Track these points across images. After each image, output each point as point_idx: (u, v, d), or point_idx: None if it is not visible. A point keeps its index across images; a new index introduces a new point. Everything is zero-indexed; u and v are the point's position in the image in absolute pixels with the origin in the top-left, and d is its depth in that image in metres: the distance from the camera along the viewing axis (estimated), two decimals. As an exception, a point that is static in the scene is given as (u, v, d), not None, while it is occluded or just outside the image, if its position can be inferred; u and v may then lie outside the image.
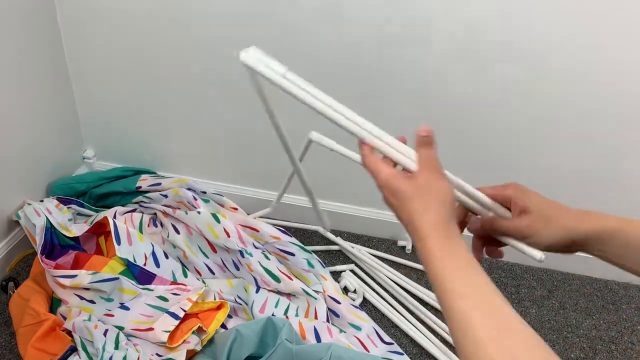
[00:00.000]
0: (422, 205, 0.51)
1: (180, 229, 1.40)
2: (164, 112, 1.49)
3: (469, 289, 0.46)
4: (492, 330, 0.43)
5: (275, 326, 1.12)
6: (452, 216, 0.51)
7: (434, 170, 0.54)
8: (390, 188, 0.54)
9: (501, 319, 0.44)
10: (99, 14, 1.35)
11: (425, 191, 0.52)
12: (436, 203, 0.51)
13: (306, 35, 1.26)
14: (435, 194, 0.52)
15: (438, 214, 0.50)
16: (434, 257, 0.49)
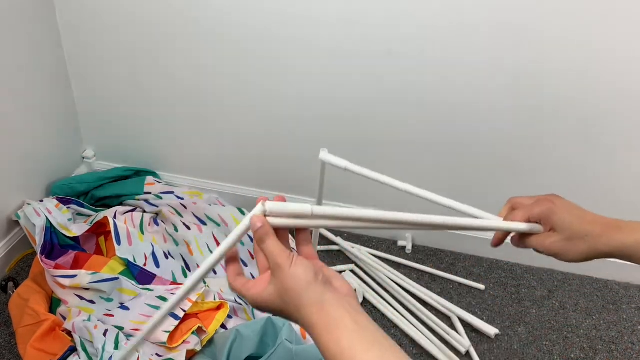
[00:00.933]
0: (292, 307, 0.49)
1: (191, 226, 1.40)
2: (164, 112, 1.49)
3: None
4: None
5: (275, 326, 1.12)
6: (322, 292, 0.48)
7: (281, 263, 0.50)
8: (262, 305, 0.52)
9: None
10: (99, 14, 1.35)
11: (286, 292, 0.49)
12: (300, 296, 0.48)
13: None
14: (295, 288, 0.49)
15: (308, 306, 0.48)
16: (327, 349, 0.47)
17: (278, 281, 0.50)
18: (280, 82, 1.34)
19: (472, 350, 1.27)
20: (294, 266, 0.50)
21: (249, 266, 1.35)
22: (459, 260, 1.52)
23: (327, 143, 1.43)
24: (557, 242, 0.61)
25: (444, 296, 1.40)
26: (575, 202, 0.64)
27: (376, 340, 0.46)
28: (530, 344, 1.31)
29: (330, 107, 1.35)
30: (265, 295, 0.51)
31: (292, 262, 0.50)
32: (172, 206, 1.46)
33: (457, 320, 1.33)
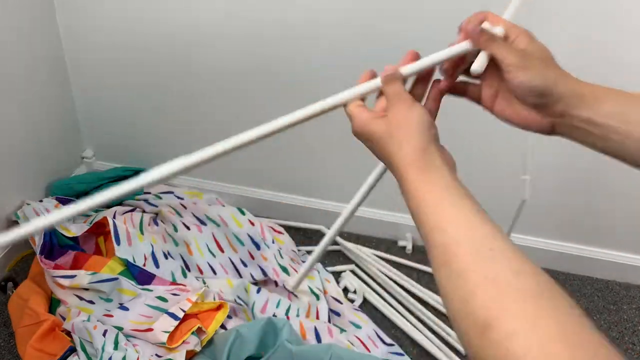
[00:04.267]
0: (396, 143, 0.49)
1: (190, 226, 1.40)
2: (164, 112, 1.49)
3: (451, 223, 0.43)
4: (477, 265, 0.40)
5: (275, 327, 1.12)
6: (429, 140, 0.48)
7: (402, 102, 0.51)
8: (365, 133, 0.52)
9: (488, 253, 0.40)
10: (99, 14, 1.35)
11: (396, 127, 0.49)
12: (409, 135, 0.48)
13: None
14: (407, 126, 0.49)
15: (413, 146, 0.48)
16: (413, 194, 0.46)
17: (392, 115, 0.50)
18: (280, 82, 1.34)
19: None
20: (414, 108, 0.50)
21: (248, 266, 1.35)
22: (459, 261, 1.52)
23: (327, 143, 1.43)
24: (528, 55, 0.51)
25: (444, 296, 1.40)
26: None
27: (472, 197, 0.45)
28: (530, 344, 1.31)
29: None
30: (375, 123, 0.51)
31: (412, 104, 0.51)
32: (171, 206, 1.45)
33: (457, 321, 1.33)
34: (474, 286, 0.38)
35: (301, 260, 1.43)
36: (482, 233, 0.42)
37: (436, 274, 0.42)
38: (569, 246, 1.46)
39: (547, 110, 0.51)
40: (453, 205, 0.44)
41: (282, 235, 1.48)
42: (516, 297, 0.37)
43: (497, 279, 0.38)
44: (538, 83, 0.50)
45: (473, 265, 0.40)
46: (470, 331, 0.37)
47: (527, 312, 0.36)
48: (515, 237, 1.48)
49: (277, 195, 1.56)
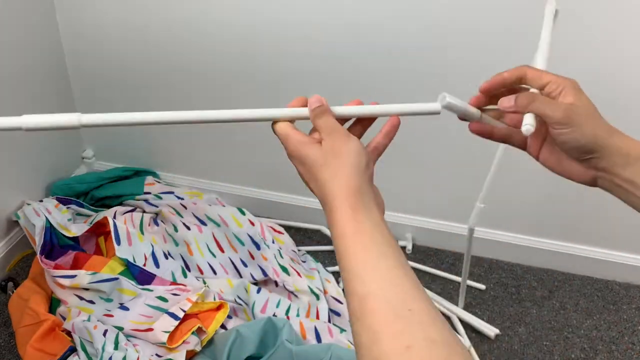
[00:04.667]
0: (330, 171, 0.47)
1: (190, 226, 1.40)
2: (164, 112, 1.48)
3: (373, 273, 0.41)
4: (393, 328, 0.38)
5: (275, 327, 1.12)
6: (364, 180, 0.46)
7: (338, 133, 0.48)
8: (299, 156, 0.50)
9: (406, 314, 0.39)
10: (99, 14, 1.35)
11: (333, 155, 0.47)
12: (345, 167, 0.46)
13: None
14: (344, 157, 0.47)
15: (347, 179, 0.45)
16: (340, 232, 0.44)
17: (329, 143, 0.48)
18: (280, 82, 1.34)
19: (473, 350, 1.27)
20: (351, 140, 0.48)
21: (248, 266, 1.35)
22: (460, 261, 1.52)
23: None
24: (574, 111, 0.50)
25: (444, 296, 1.40)
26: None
27: (397, 245, 0.44)
28: (530, 344, 1.31)
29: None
30: (311, 148, 0.49)
31: (349, 136, 0.49)
32: (172, 206, 1.46)
33: (457, 321, 1.33)
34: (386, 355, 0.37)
35: (301, 260, 1.43)
36: (402, 290, 0.40)
37: (352, 324, 0.41)
38: (568, 246, 1.46)
39: (591, 165, 0.52)
40: (380, 255, 0.42)
41: (282, 235, 1.48)
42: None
43: (412, 349, 0.37)
44: (585, 142, 0.50)
45: (388, 328, 0.38)
46: None
47: None
48: (515, 237, 1.48)
49: (277, 195, 1.56)
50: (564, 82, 0.52)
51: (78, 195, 1.50)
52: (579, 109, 0.50)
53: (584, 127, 0.50)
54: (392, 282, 0.41)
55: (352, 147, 0.47)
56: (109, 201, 1.51)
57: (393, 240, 0.44)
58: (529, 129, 0.51)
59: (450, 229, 1.49)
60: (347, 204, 0.45)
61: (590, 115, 0.51)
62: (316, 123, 0.51)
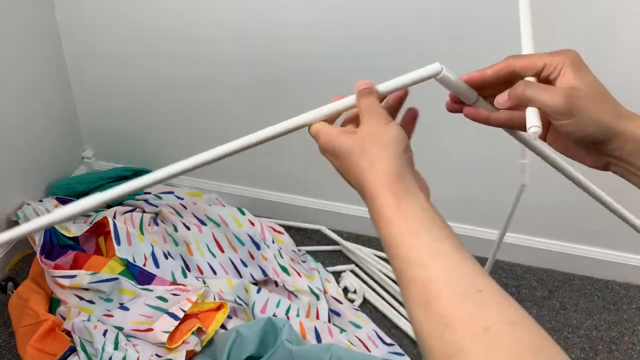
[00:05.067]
0: (367, 158, 0.43)
1: (190, 226, 1.40)
2: (164, 112, 1.48)
3: (431, 258, 0.38)
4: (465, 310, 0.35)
5: (275, 327, 1.12)
6: (405, 164, 0.43)
7: (376, 116, 0.46)
8: (332, 149, 0.47)
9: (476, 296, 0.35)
10: (99, 14, 1.35)
11: (370, 140, 0.44)
12: (384, 152, 0.43)
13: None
14: (381, 142, 0.43)
15: (387, 164, 0.42)
16: (386, 221, 0.41)
17: (366, 128, 0.45)
18: (280, 82, 1.34)
19: (473, 350, 1.27)
20: (390, 125, 0.45)
21: (248, 266, 1.35)
22: (459, 261, 1.52)
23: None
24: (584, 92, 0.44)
25: (444, 296, 1.40)
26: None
27: (449, 227, 0.40)
28: (530, 344, 1.31)
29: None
30: (343, 138, 0.46)
31: (389, 121, 0.46)
32: (172, 206, 1.45)
33: (457, 321, 1.33)
34: (462, 338, 0.33)
35: (301, 260, 1.43)
36: (467, 271, 0.37)
37: (412, 314, 0.37)
38: (569, 246, 1.46)
39: (602, 152, 0.46)
40: (433, 239, 0.39)
41: (282, 235, 1.48)
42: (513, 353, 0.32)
43: (490, 330, 0.33)
44: (591, 131, 0.44)
45: (459, 311, 0.35)
46: None
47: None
48: (515, 237, 1.48)
49: (277, 195, 1.56)
50: (561, 60, 0.46)
51: (78, 195, 1.50)
52: (581, 92, 0.44)
53: (588, 114, 0.44)
54: (453, 265, 0.38)
55: (391, 131, 0.44)
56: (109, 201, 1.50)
57: (444, 224, 0.41)
58: (535, 131, 0.45)
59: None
60: (390, 191, 0.41)
61: (596, 97, 0.45)
62: (360, 103, 0.48)
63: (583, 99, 0.44)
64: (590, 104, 0.44)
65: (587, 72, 0.46)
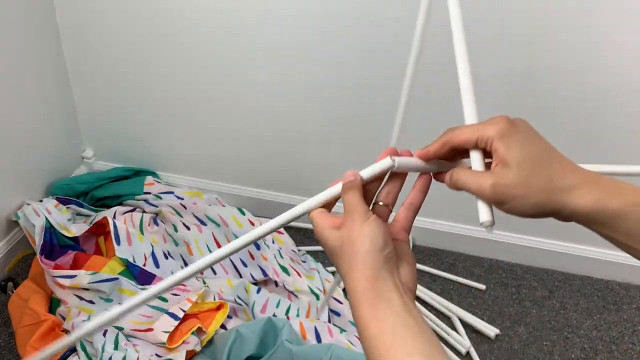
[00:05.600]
0: (345, 262, 0.46)
1: (190, 226, 1.40)
2: (164, 112, 1.49)
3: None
4: None
5: (275, 327, 1.12)
6: (381, 264, 0.44)
7: (355, 215, 0.46)
8: (321, 241, 0.49)
9: None
10: (98, 13, 1.35)
11: (347, 244, 0.46)
12: (359, 256, 0.44)
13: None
14: (357, 246, 0.45)
15: (362, 272, 0.44)
16: (363, 328, 0.43)
17: (346, 230, 0.46)
18: (281, 82, 1.34)
19: (472, 350, 1.27)
20: (366, 224, 0.46)
21: (248, 266, 1.35)
22: (460, 261, 1.52)
23: (328, 143, 1.43)
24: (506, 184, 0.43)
25: (444, 296, 1.40)
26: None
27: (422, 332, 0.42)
28: (530, 344, 1.31)
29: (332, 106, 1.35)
30: (329, 234, 0.48)
31: (365, 219, 0.46)
32: (171, 206, 1.45)
33: (457, 321, 1.33)
34: None
35: (301, 261, 1.43)
36: None
37: None
38: (569, 246, 1.46)
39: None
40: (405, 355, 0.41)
41: (282, 235, 1.48)
42: None
43: None
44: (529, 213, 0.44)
45: None
46: None
47: None
48: (515, 236, 1.48)
49: (277, 195, 1.56)
50: (490, 133, 0.45)
51: (78, 195, 1.50)
52: (508, 179, 0.43)
53: (520, 201, 0.43)
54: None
55: (366, 231, 0.45)
56: (108, 201, 1.51)
57: (419, 327, 0.43)
58: (487, 226, 0.46)
59: (450, 229, 1.49)
60: (365, 301, 0.43)
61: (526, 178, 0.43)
62: (343, 198, 0.49)
63: (510, 187, 0.43)
64: (519, 190, 0.43)
65: (516, 143, 0.44)
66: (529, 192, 0.43)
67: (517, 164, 0.43)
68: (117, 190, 1.50)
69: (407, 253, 0.49)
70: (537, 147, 0.44)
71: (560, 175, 0.43)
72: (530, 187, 0.43)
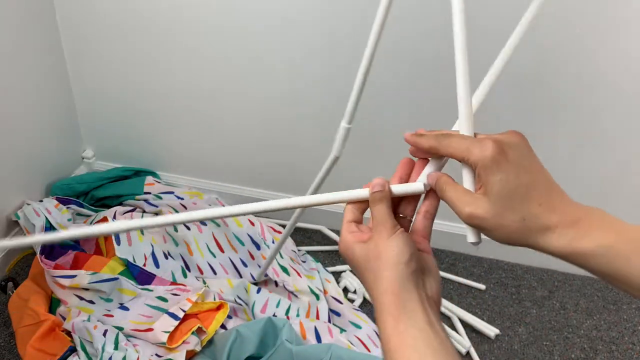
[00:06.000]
0: (371, 273, 0.47)
1: (190, 226, 1.40)
2: (164, 112, 1.49)
3: None
4: None
5: (275, 327, 1.12)
6: (407, 278, 0.45)
7: (382, 228, 0.47)
8: (346, 256, 0.50)
9: None
10: (99, 13, 1.35)
11: (374, 257, 0.47)
12: (385, 269, 0.45)
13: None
14: (383, 259, 0.46)
15: (387, 283, 0.45)
16: (386, 340, 0.44)
17: (372, 244, 0.47)
18: (281, 82, 1.34)
19: (473, 350, 1.27)
20: (393, 237, 0.47)
21: (248, 266, 1.35)
22: (459, 261, 1.52)
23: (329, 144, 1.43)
24: (484, 212, 0.44)
25: (444, 296, 1.40)
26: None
27: (443, 350, 0.42)
28: (530, 344, 1.31)
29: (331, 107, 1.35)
30: (356, 248, 0.48)
31: (393, 233, 0.47)
32: (172, 206, 1.46)
33: (457, 321, 1.33)
34: None
35: (301, 261, 1.43)
36: None
37: None
38: (569, 246, 1.46)
39: None
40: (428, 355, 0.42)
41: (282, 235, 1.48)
42: None
43: None
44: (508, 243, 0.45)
45: None
46: None
47: None
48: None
49: (277, 195, 1.56)
50: (475, 157, 0.45)
51: (78, 195, 1.50)
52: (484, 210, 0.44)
53: (495, 236, 0.45)
54: None
55: (393, 245, 0.46)
56: (109, 201, 1.51)
57: (441, 345, 0.43)
58: (474, 244, 0.48)
59: (450, 229, 1.49)
60: (390, 315, 0.44)
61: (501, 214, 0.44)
62: (372, 210, 0.50)
63: (485, 220, 0.44)
64: (493, 223, 0.44)
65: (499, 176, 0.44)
66: (502, 227, 0.44)
67: (495, 199, 0.44)
68: (117, 190, 1.51)
69: (432, 265, 0.49)
70: (519, 181, 0.44)
71: (536, 215, 0.44)
72: (503, 223, 0.44)
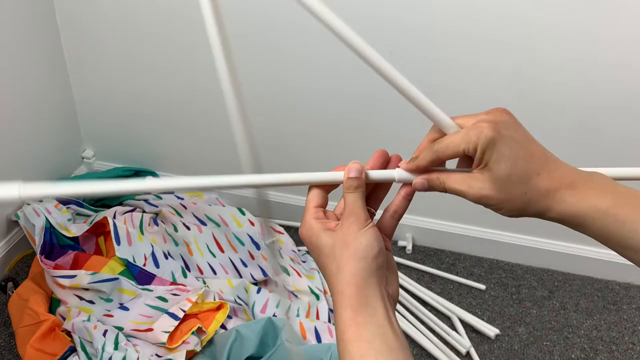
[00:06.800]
0: (335, 263, 0.45)
1: (190, 226, 1.40)
2: (164, 112, 1.49)
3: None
4: None
5: (275, 327, 1.12)
6: (372, 272, 0.45)
7: (353, 219, 0.46)
8: (310, 243, 0.48)
9: None
10: (98, 13, 1.35)
11: (341, 246, 0.45)
12: (350, 261, 0.44)
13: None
14: (350, 250, 0.45)
15: (351, 276, 0.44)
16: (340, 337, 0.44)
17: (341, 234, 0.46)
18: (281, 83, 1.34)
19: (473, 350, 1.27)
20: (364, 230, 0.46)
21: (248, 266, 1.35)
22: (460, 261, 1.52)
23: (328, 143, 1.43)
24: (488, 188, 0.45)
25: (444, 296, 1.40)
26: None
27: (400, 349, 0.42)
28: (530, 344, 1.31)
29: (331, 107, 1.35)
30: (322, 236, 0.47)
31: (365, 226, 0.46)
32: (172, 206, 1.46)
33: (457, 321, 1.33)
34: None
35: (301, 261, 1.43)
36: None
37: None
38: (569, 246, 1.46)
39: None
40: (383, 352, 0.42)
41: (282, 236, 1.48)
42: None
43: None
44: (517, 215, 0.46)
45: None
46: None
47: None
48: (516, 236, 1.48)
49: (277, 195, 1.56)
50: (473, 141, 0.45)
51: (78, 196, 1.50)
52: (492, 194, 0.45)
53: (506, 208, 0.45)
54: None
55: (363, 238, 0.45)
56: (108, 201, 1.51)
57: (396, 346, 0.43)
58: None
59: (450, 229, 1.49)
60: (349, 304, 0.44)
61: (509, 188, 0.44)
62: (345, 196, 0.48)
63: (494, 200, 0.45)
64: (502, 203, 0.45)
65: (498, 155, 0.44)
66: (508, 202, 0.45)
67: (497, 177, 0.45)
68: (116, 190, 1.50)
69: (394, 264, 0.49)
70: (517, 156, 0.45)
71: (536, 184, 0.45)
72: (509, 198, 0.45)
